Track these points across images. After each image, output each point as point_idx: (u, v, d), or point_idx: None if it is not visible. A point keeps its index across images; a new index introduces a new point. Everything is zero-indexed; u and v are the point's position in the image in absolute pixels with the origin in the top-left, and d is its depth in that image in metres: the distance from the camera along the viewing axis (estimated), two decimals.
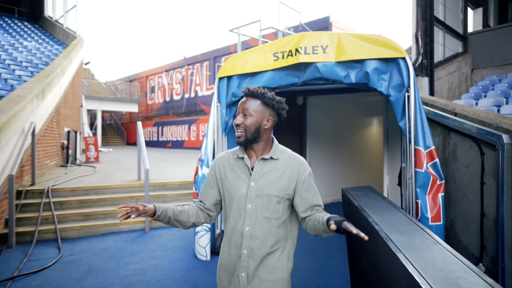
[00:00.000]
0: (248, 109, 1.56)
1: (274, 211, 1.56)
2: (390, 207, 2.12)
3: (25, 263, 3.97)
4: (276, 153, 1.62)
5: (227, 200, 1.63)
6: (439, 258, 1.33)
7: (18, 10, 20.77)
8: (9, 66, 10.97)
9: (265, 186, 1.56)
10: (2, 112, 5.01)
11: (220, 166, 1.68)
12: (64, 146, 10.05)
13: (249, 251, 1.55)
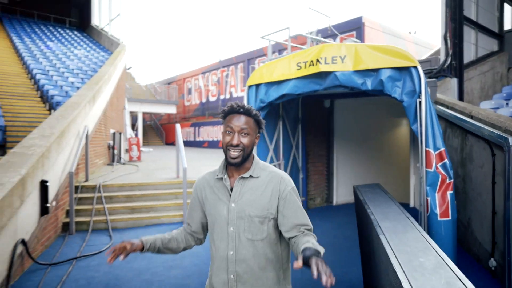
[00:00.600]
0: (246, 128, 1.49)
1: (257, 232, 1.48)
2: (389, 201, 2.46)
3: (84, 247, 4.65)
4: (256, 171, 1.55)
5: (210, 223, 1.59)
6: (410, 238, 1.69)
7: (69, 20, 22.42)
8: (63, 73, 12.08)
9: (245, 207, 1.49)
10: (63, 118, 5.78)
11: (202, 188, 1.63)
12: (110, 146, 10.96)
13: (235, 275, 1.49)
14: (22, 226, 3.75)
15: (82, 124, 6.75)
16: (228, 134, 1.50)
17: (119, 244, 1.41)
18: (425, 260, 1.45)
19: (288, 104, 5.99)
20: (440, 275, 1.31)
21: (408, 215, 2.08)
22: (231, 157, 1.48)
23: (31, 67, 11.96)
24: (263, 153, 5.17)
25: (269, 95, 4.45)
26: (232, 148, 1.48)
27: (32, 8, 21.34)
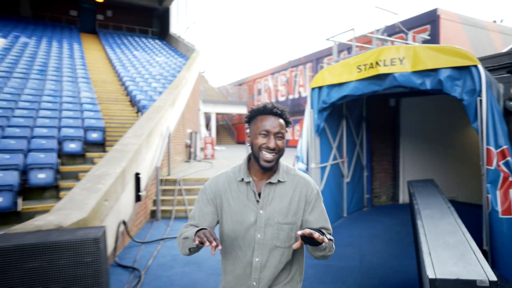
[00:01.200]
0: (281, 131, 1.46)
1: (286, 240, 1.46)
2: (436, 194, 2.65)
3: (168, 231, 5.41)
4: (283, 175, 1.51)
5: (229, 229, 1.50)
6: (444, 223, 1.93)
7: (151, 30, 24.63)
8: (147, 79, 13.49)
9: (275, 214, 1.46)
10: (150, 120, 6.69)
11: (220, 191, 1.53)
12: (188, 145, 12.02)
13: (258, 282, 1.47)
14: (123, 210, 4.57)
15: (165, 125, 7.67)
16: (263, 136, 1.44)
17: (209, 234, 1.27)
18: (450, 239, 1.72)
19: (352, 103, 6.20)
20: (459, 249, 1.58)
21: (449, 206, 2.28)
22: (266, 160, 1.43)
23: (121, 75, 13.56)
24: (326, 151, 5.48)
25: (331, 96, 4.76)
26: (268, 151, 1.43)
27: (121, 22, 23.87)
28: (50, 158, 5.91)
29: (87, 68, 14.02)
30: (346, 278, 3.71)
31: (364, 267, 4.00)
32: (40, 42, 16.62)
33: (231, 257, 1.52)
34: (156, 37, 24.34)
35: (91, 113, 8.59)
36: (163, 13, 24.46)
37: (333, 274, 3.81)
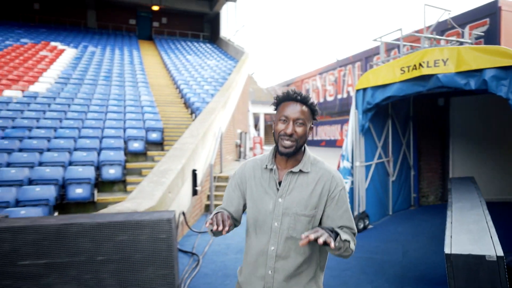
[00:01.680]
0: (301, 117, 1.42)
1: (303, 231, 1.43)
2: (472, 190, 2.80)
3: None
4: (306, 165, 1.48)
5: (252, 215, 1.51)
6: (472, 214, 2.12)
7: (202, 35, 25.73)
8: (200, 82, 14.26)
9: (293, 204, 1.44)
10: (204, 121, 7.26)
11: (246, 177, 1.56)
12: (237, 145, 12.57)
13: (273, 271, 1.45)
14: (182, 202, 5.11)
15: (217, 125, 8.21)
16: (282, 122, 1.43)
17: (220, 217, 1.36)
18: (473, 226, 1.93)
19: (398, 103, 6.28)
20: (478, 234, 1.81)
21: (481, 200, 2.45)
22: (284, 146, 1.43)
23: (176, 79, 14.47)
24: (371, 150, 5.65)
25: (375, 97, 4.95)
26: (286, 137, 1.42)
27: (175, 28, 25.20)
28: (118, 155, 6.66)
29: (146, 73, 15.12)
30: (387, 270, 3.92)
31: (406, 261, 4.16)
32: (105, 50, 18.14)
33: (249, 242, 1.53)
34: (207, 41, 25.39)
35: (151, 115, 9.39)
36: (214, 18, 25.45)
37: (375, 266, 4.03)
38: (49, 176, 5.57)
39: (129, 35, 23.92)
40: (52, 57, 15.07)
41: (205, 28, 26.37)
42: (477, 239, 1.73)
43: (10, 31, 19.05)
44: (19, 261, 2.37)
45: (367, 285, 3.54)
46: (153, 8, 24.24)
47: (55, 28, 21.97)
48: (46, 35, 19.37)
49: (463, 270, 1.58)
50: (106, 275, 2.45)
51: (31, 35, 18.77)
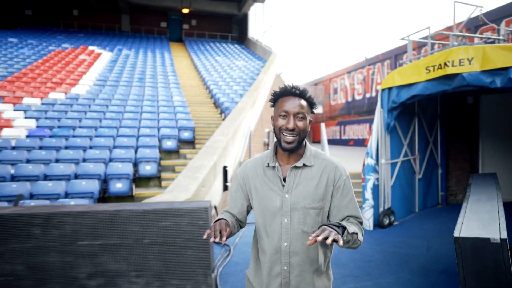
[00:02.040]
0: (301, 111, 1.44)
1: (313, 225, 1.46)
2: (492, 185, 2.91)
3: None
4: (309, 159, 1.50)
5: (259, 214, 1.52)
6: (486, 205, 2.27)
7: (231, 36, 26.19)
8: (229, 83, 14.63)
9: (300, 198, 1.45)
10: (234, 120, 7.57)
11: (248, 177, 1.56)
12: (265, 143, 12.83)
13: (289, 267, 1.47)
14: (214, 196, 5.43)
15: (246, 125, 8.51)
16: (283, 117, 1.44)
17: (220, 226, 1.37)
18: (485, 215, 2.09)
19: (425, 102, 6.33)
20: (488, 221, 1.97)
21: (498, 193, 2.57)
22: (286, 141, 1.43)
23: (205, 79, 14.91)
24: (397, 148, 5.75)
25: (400, 96, 5.06)
26: (288, 132, 1.43)
27: (204, 30, 25.81)
28: (154, 153, 7.09)
29: (177, 74, 15.67)
30: (411, 263, 4.05)
31: (430, 255, 4.28)
32: (138, 53, 18.90)
33: (261, 242, 1.53)
34: (235, 42, 25.83)
35: (182, 115, 9.82)
36: (242, 19, 25.84)
37: (398, 259, 4.17)
38: (92, 171, 6.05)
39: (160, 37, 24.74)
40: (90, 60, 15.91)
41: (233, 29, 26.83)
42: (485, 225, 1.89)
43: (52, 36, 20.23)
44: (78, 241, 2.74)
45: (390, 276, 3.71)
46: (183, 11, 24.94)
47: (92, 32, 23.08)
48: (84, 40, 20.40)
49: (470, 251, 1.75)
50: (151, 256, 2.78)
51: (71, 40, 19.84)
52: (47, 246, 2.75)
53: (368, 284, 3.51)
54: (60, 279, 2.78)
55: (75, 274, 2.77)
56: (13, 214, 2.74)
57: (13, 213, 2.75)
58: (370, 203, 5.41)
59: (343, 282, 3.57)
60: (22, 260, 2.75)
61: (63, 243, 2.75)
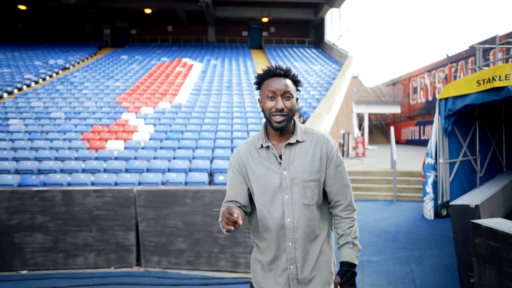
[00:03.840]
0: (289, 91, 1.49)
1: (313, 197, 1.52)
2: None
3: None
4: (301, 135, 1.55)
5: (259, 194, 1.56)
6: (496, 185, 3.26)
7: (307, 40, 27.35)
8: (306, 88, 15.86)
9: (298, 173, 1.50)
10: (312, 124, 8.87)
11: (243, 161, 1.59)
12: (341, 144, 13.85)
13: (294, 242, 1.52)
14: None
15: (322, 128, 9.74)
16: (270, 99, 1.49)
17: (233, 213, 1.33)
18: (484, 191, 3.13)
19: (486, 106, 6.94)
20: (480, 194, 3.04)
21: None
22: (276, 122, 1.48)
23: None
24: (456, 149, 6.53)
25: (455, 105, 5.92)
26: (277, 113, 1.48)
27: (282, 36, 27.38)
28: None
29: None
30: None
31: None
32: (224, 62, 21.10)
33: (263, 223, 1.55)
34: (312, 46, 26.90)
35: None
36: (318, 23, 26.81)
37: (446, 239, 5.09)
38: (201, 166, 7.85)
39: (242, 46, 26.92)
40: (185, 71, 18.42)
41: (310, 33, 27.93)
42: (476, 198, 2.95)
43: (152, 51, 23.52)
44: (213, 208, 4.33)
45: (436, 249, 4.70)
46: (263, 20, 26.75)
47: (184, 45, 26.11)
48: (178, 53, 23.31)
49: (458, 214, 2.79)
50: None
51: (167, 54, 22.86)
52: (194, 210, 4.40)
53: (416, 254, 4.59)
54: (202, 232, 4.40)
55: (211, 229, 4.38)
56: (175, 190, 4.45)
57: (175, 189, 4.46)
58: (431, 196, 6.31)
59: (396, 251, 4.69)
60: (180, 218, 4.44)
61: (204, 209, 4.37)
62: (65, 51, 22.50)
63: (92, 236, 4.49)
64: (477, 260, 2.28)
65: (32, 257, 4.41)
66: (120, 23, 26.81)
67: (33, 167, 7.54)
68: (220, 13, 25.00)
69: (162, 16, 25.65)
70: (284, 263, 1.55)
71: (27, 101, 13.04)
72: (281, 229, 1.53)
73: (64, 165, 7.65)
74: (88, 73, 17.72)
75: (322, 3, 23.70)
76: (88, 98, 13.49)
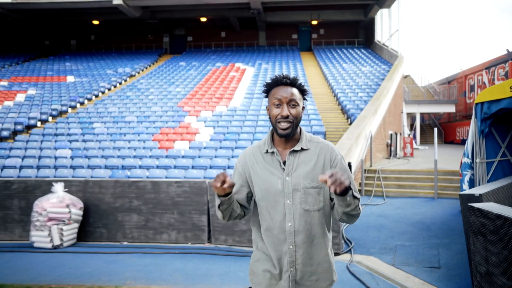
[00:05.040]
0: (294, 99, 1.55)
1: (315, 203, 1.57)
2: None
3: (369, 201, 8.17)
4: (305, 143, 1.61)
5: (261, 197, 1.61)
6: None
7: (357, 41, 27.52)
8: (355, 90, 16.36)
9: (300, 179, 1.55)
10: (357, 127, 9.59)
11: (248, 164, 1.66)
12: (388, 144, 14.26)
13: (294, 246, 1.57)
14: None
15: (368, 130, 10.39)
16: (276, 106, 1.56)
17: (222, 176, 1.44)
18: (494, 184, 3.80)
19: None
20: (489, 186, 3.73)
21: None
22: (282, 128, 1.55)
23: (334, 88, 16.98)
24: (494, 149, 6.95)
25: (490, 109, 6.40)
26: (283, 120, 1.54)
27: (331, 37, 27.82)
28: None
29: (308, 84, 18.13)
30: None
31: None
32: (274, 65, 22.08)
33: (265, 226, 1.62)
34: (361, 47, 27.02)
35: (315, 122, 12.19)
36: (368, 24, 26.87)
37: None
38: None
39: (292, 48, 27.75)
40: (239, 76, 19.68)
41: (360, 34, 28.04)
42: (484, 189, 3.65)
43: (207, 57, 25.17)
44: None
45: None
46: (313, 23, 27.38)
47: (236, 50, 27.53)
48: (231, 58, 24.72)
49: (465, 201, 3.48)
50: None
51: (221, 59, 24.35)
52: None
53: (446, 241, 5.26)
54: None
55: None
56: None
57: None
58: None
59: (428, 238, 5.39)
60: None
61: None
62: (131, 59, 24.88)
63: (174, 218, 5.69)
64: (472, 233, 3.06)
65: (130, 232, 5.71)
66: (178, 31, 28.88)
67: (118, 163, 9.08)
68: (271, 18, 26.05)
69: (216, 23, 27.25)
70: (285, 265, 1.60)
71: (104, 106, 15.00)
72: (282, 232, 1.58)
73: (142, 162, 9.11)
74: (152, 79, 19.64)
75: (371, 4, 23.84)
76: (154, 103, 15.18)
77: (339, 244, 4.96)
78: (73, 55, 26.80)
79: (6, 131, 12.10)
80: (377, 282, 3.97)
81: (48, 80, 19.93)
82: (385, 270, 4.28)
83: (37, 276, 4.21)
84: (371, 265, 4.44)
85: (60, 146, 10.36)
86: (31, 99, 16.01)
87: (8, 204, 5.79)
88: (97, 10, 23.53)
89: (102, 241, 5.70)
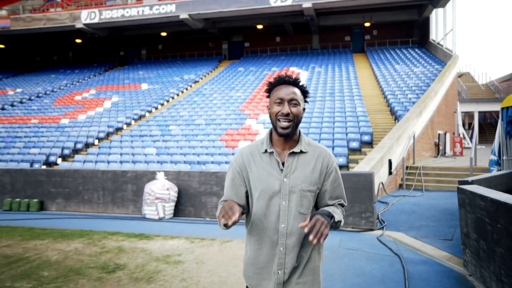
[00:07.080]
0: (296, 98, 1.56)
1: (309, 206, 1.60)
2: None
3: (410, 193, 9.30)
4: (304, 145, 1.62)
5: (257, 197, 1.62)
6: None
7: (411, 40, 27.60)
8: (404, 91, 17.02)
9: (298, 182, 1.57)
10: (399, 128, 10.69)
11: (245, 164, 1.66)
12: (436, 144, 14.92)
13: (285, 248, 1.58)
14: (381, 177, 8.87)
15: (410, 130, 11.40)
16: (278, 104, 1.57)
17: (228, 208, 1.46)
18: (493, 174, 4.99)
19: None
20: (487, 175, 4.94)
21: None
22: (281, 127, 1.55)
23: (384, 89, 17.79)
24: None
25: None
26: (283, 118, 1.54)
27: (384, 38, 28.14)
28: (344, 150, 10.99)
29: (359, 86, 19.10)
30: None
31: None
32: (327, 69, 23.20)
33: (258, 226, 1.63)
34: (415, 46, 27.03)
35: (363, 123, 13.36)
36: (423, 23, 26.83)
37: None
38: None
39: (344, 50, 28.56)
40: None
41: (414, 33, 28.04)
42: (480, 177, 4.86)
43: (263, 62, 26.93)
44: None
45: None
46: (365, 25, 27.96)
47: (290, 54, 28.97)
48: (285, 62, 26.23)
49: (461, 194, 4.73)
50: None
51: (277, 63, 25.95)
52: None
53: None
54: None
55: None
56: None
57: None
58: None
59: (450, 221, 6.54)
60: None
61: None
62: (194, 66, 27.46)
63: None
64: (459, 206, 4.39)
65: (211, 211, 7.54)
66: (236, 38, 31.05)
67: (194, 159, 11.09)
68: (324, 22, 27.13)
69: (271, 29, 28.91)
70: (273, 267, 1.61)
71: (176, 111, 17.36)
72: (275, 233, 1.60)
73: (214, 159, 11.04)
74: (214, 85, 21.82)
75: (425, 4, 23.97)
76: (218, 107, 17.24)
77: (373, 222, 6.33)
78: (144, 64, 30.14)
79: (102, 133, 14.82)
80: (398, 247, 5.33)
81: (126, 88, 23.00)
82: (407, 241, 5.61)
83: (152, 232, 6.15)
84: (397, 237, 5.78)
85: (147, 145, 12.70)
86: (116, 105, 18.91)
87: (124, 188, 7.92)
88: (165, 23, 26.37)
89: (190, 217, 7.60)
